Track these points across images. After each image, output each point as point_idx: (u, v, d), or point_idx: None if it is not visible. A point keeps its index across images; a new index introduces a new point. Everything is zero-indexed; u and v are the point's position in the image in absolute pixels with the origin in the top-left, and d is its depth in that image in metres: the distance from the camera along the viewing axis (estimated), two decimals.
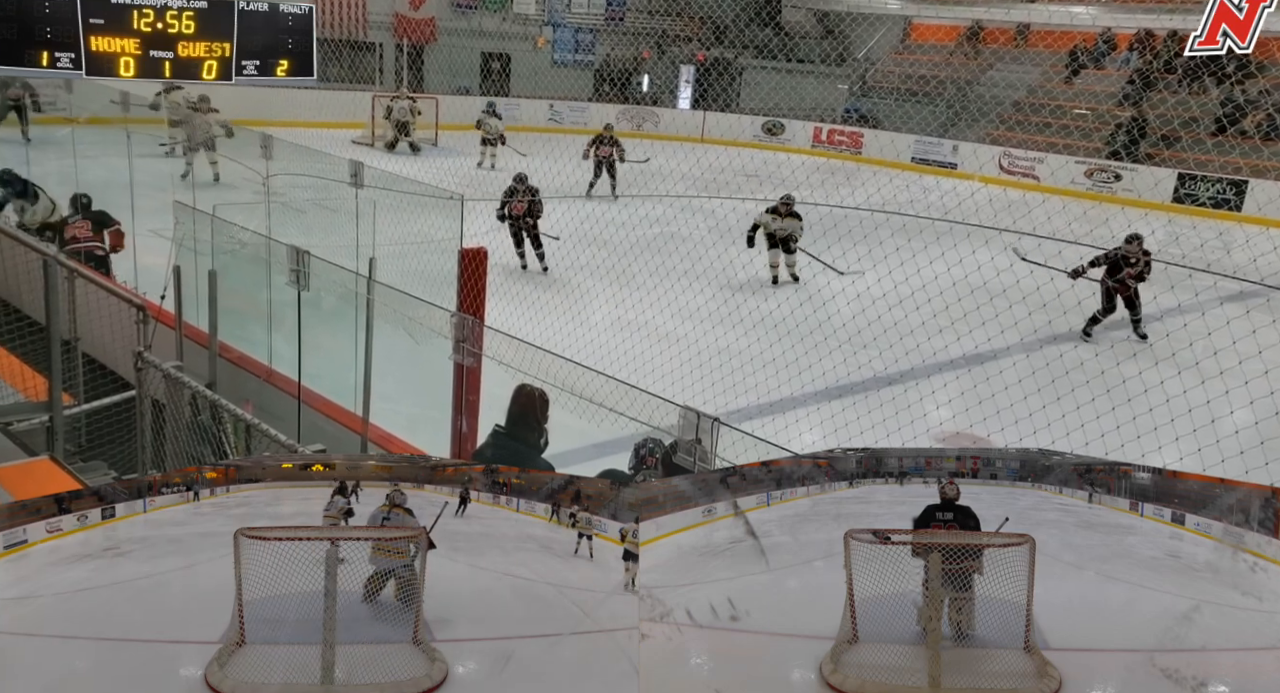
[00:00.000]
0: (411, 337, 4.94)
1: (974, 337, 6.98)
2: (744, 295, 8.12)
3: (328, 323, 6.28)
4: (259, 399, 5.73)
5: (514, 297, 7.72)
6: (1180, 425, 5.32)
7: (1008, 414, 5.63)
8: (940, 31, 25.00)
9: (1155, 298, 7.85)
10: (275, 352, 6.24)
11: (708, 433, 3.34)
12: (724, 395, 6.38)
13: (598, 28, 26.37)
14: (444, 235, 6.54)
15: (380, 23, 23.44)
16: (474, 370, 4.71)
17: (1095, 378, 6.12)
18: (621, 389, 3.79)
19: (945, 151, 21.02)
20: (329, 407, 5.63)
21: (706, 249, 9.93)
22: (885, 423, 5.84)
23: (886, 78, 24.33)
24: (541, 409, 3.50)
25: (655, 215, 12.73)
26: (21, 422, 5.21)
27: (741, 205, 14.68)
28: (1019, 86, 21.86)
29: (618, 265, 9.42)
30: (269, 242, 6.12)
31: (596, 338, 7.21)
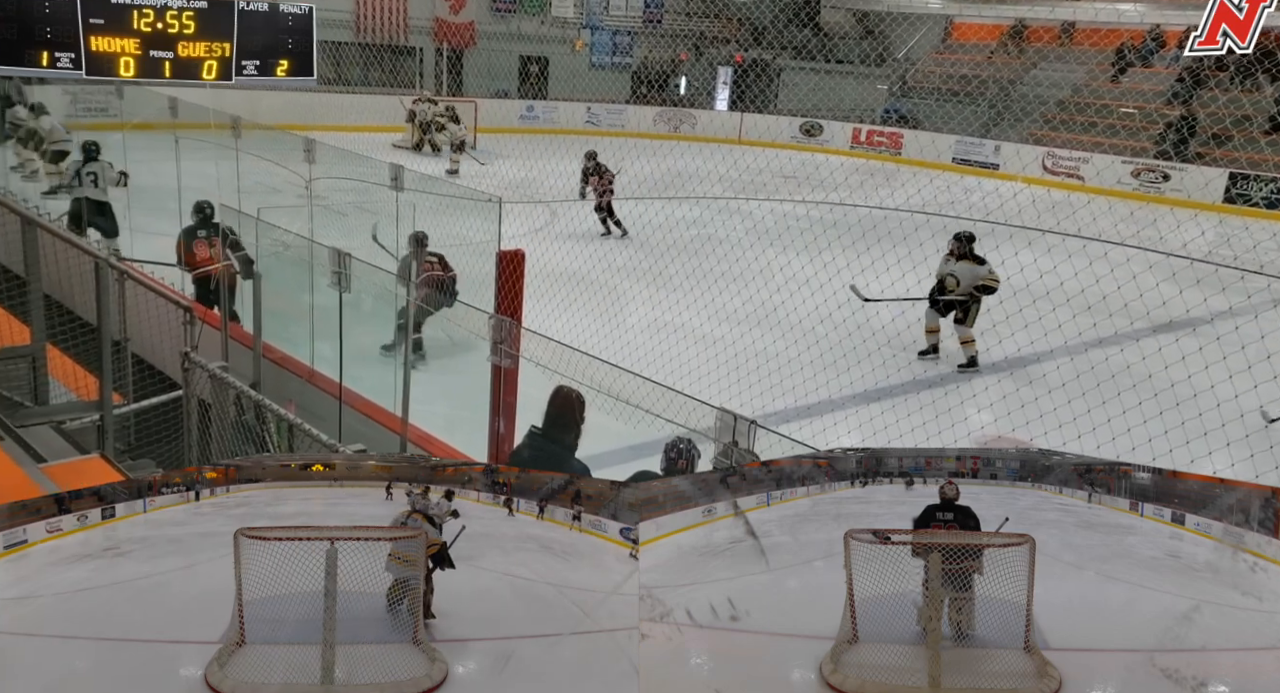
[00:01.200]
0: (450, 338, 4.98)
1: (1016, 340, 6.86)
2: (781, 297, 8.06)
3: (368, 324, 6.36)
4: (301, 399, 5.82)
5: (551, 298, 7.75)
6: (1232, 431, 5.18)
7: (1051, 418, 5.53)
8: (982, 30, 24.64)
9: (1206, 300, 7.66)
10: (317, 352, 6.34)
11: (744, 436, 3.32)
12: (761, 398, 6.34)
13: (636, 30, 26.41)
14: (482, 237, 6.59)
15: (420, 27, 23.72)
16: (511, 372, 4.74)
17: (1143, 381, 5.98)
18: (658, 391, 3.79)
19: (987, 152, 20.71)
20: (369, 407, 5.69)
21: (744, 251, 9.89)
22: (925, 426, 5.76)
23: (927, 78, 24.04)
24: (579, 411, 3.51)
25: (692, 217, 12.71)
26: (74, 420, 5.35)
27: (779, 207, 14.60)
28: (1063, 86, 21.47)
29: (654, 267, 9.42)
30: (311, 244, 6.22)
31: (633, 340, 7.22)
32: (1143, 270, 7.63)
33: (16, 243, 5.25)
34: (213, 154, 9.54)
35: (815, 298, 7.81)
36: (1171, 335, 7.31)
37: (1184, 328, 7.83)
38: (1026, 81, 21.97)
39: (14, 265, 5.57)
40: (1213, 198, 16.78)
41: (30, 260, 5.14)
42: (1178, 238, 10.62)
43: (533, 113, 23.49)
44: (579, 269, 9.43)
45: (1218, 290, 8.56)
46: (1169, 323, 8.10)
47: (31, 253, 5.14)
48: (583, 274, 9.46)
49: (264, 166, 10.91)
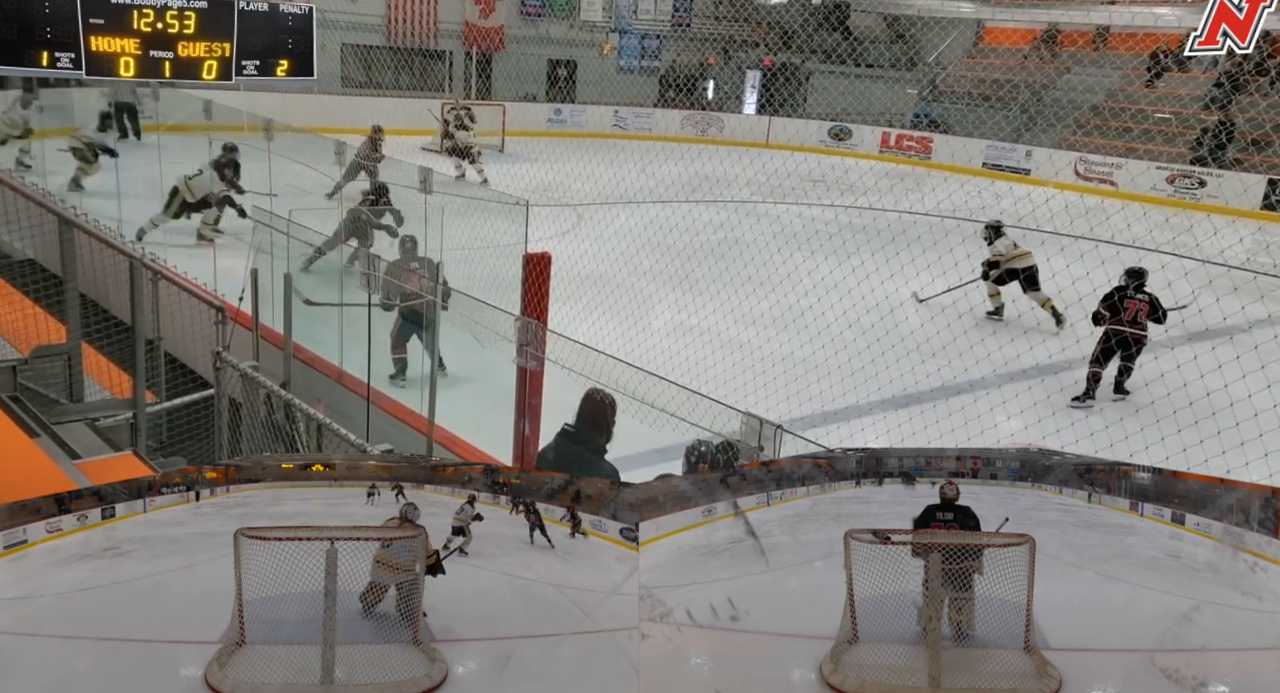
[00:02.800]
0: (476, 340, 5.01)
1: (1047, 346, 6.77)
2: (808, 302, 8.02)
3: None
4: (330, 399, 5.87)
5: (577, 301, 7.76)
6: (1270, 441, 5.07)
7: (1083, 426, 5.45)
8: (1015, 34, 24.38)
9: (1243, 308, 7.52)
10: (345, 353, 6.39)
11: (770, 440, 3.30)
12: (787, 403, 6.31)
13: (664, 34, 26.43)
14: (509, 240, 6.63)
15: (450, 31, 23.90)
16: (537, 374, 4.75)
17: (1177, 390, 5.87)
18: (683, 395, 3.78)
19: (1018, 157, 20.48)
20: (396, 408, 5.74)
21: (771, 254, 9.85)
22: (954, 432, 5.71)
23: (958, 82, 23.84)
24: (611, 414, 3.52)
25: (719, 221, 12.69)
26: (108, 417, 5.43)
27: (807, 211, 14.53)
28: (1097, 90, 21.18)
29: (680, 271, 9.41)
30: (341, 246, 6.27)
31: (658, 343, 7.21)
32: (1178, 278, 7.49)
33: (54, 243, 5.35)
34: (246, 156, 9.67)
35: (843, 303, 7.76)
36: (1208, 343, 7.17)
37: (1220, 336, 7.68)
38: (1059, 86, 21.70)
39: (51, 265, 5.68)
40: (1251, 204, 16.47)
41: (67, 260, 5.23)
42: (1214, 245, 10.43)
43: (560, 116, 23.57)
44: (605, 272, 9.44)
45: (1255, 299, 8.41)
46: (1205, 331, 7.96)
47: (68, 253, 5.24)
48: (608, 277, 9.47)
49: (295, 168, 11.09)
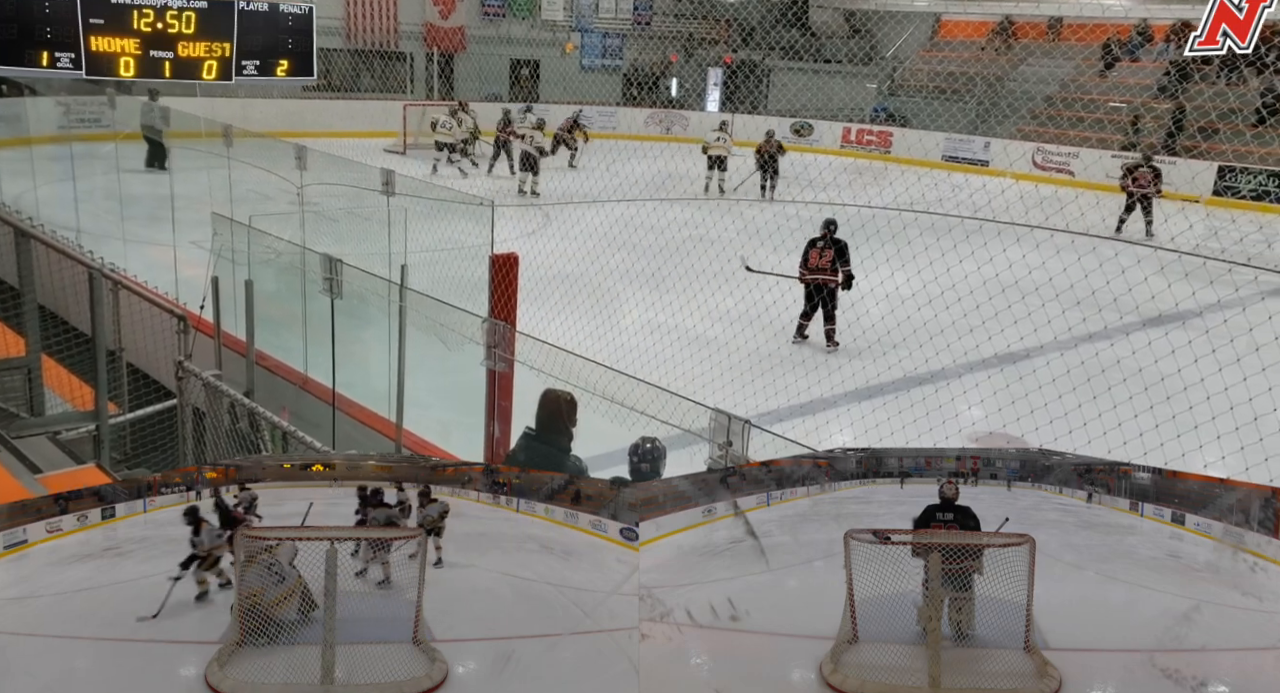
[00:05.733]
0: (444, 343, 5.01)
1: (1006, 336, 6.90)
2: (773, 296, 8.10)
3: (362, 330, 6.38)
4: (295, 407, 5.84)
5: (546, 301, 7.77)
6: (1222, 423, 5.22)
7: (1043, 414, 5.57)
8: (970, 27, 24.73)
9: (1194, 293, 7.72)
10: (310, 359, 6.35)
11: (739, 436, 3.33)
12: (755, 398, 6.37)
13: (625, 32, 26.44)
14: (475, 241, 6.62)
15: (410, 32, 23.73)
16: (506, 376, 4.76)
17: (1133, 376, 6.02)
18: (653, 393, 3.81)
19: (976, 149, 20.78)
20: (364, 413, 5.72)
21: (736, 251, 9.92)
22: (917, 423, 5.80)
23: (915, 76, 24.12)
24: (569, 413, 3.53)
25: (684, 218, 12.74)
26: (69, 430, 5.36)
27: (771, 207, 14.64)
28: (1051, 81, 21.55)
29: (648, 268, 9.44)
30: (303, 251, 6.23)
31: (628, 341, 7.24)
32: (1132, 265, 7.67)
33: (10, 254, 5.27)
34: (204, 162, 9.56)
35: None
36: (1161, 329, 7.36)
37: (1174, 322, 7.89)
38: (1014, 78, 22.04)
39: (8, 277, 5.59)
40: (1201, 191, 16.86)
41: (24, 271, 5.15)
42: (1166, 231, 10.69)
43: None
44: (573, 271, 9.45)
45: (1206, 284, 8.63)
46: (1159, 317, 8.16)
47: (25, 264, 5.16)
48: (576, 276, 9.49)
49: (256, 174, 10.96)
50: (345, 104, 20.49)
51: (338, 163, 9.58)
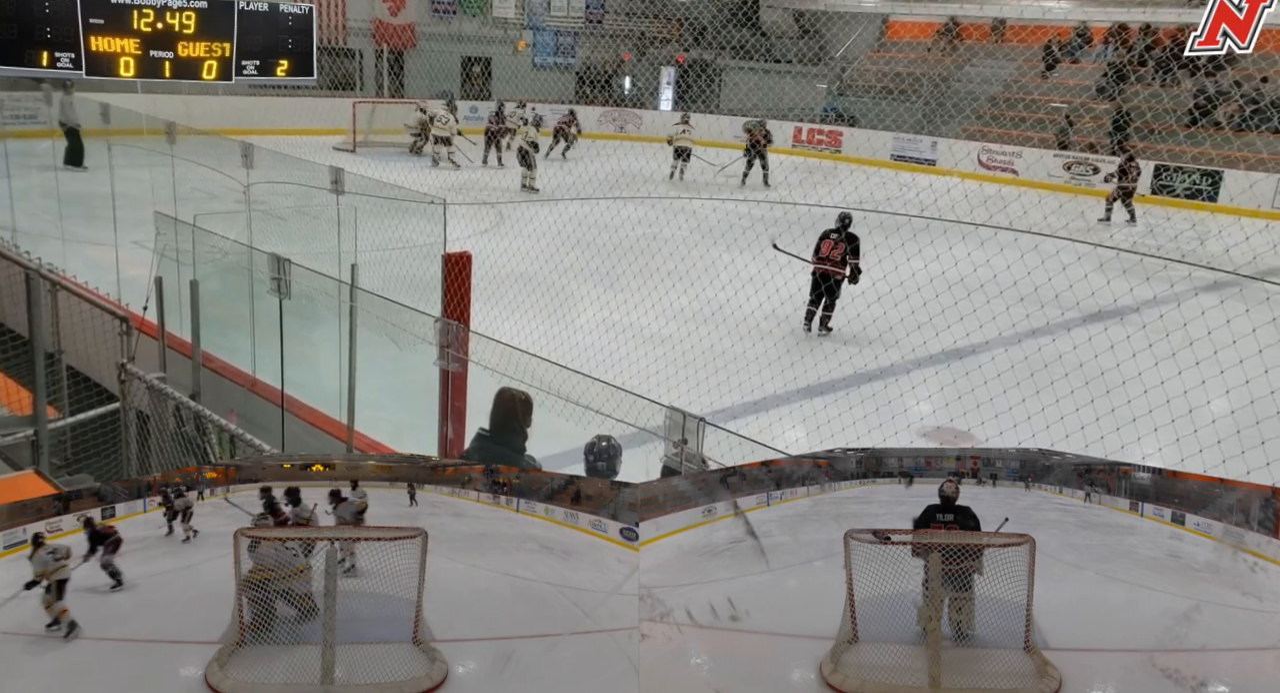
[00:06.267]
0: (395, 343, 4.96)
1: (952, 332, 7.06)
2: (727, 294, 8.18)
3: (311, 331, 6.29)
4: (243, 409, 5.74)
5: (499, 300, 7.74)
6: (1159, 416, 5.40)
7: (988, 408, 5.70)
8: (917, 28, 25.17)
9: (1131, 290, 7.97)
10: (259, 361, 6.25)
11: (694, 433, 3.36)
12: (709, 395, 6.42)
13: (578, 30, 26.39)
14: (427, 240, 6.56)
15: (360, 29, 23.40)
16: (460, 376, 4.73)
17: (1074, 370, 6.19)
18: (607, 391, 3.82)
19: (924, 148, 21.16)
20: (314, 415, 5.64)
21: (690, 249, 9.99)
22: (867, 419, 5.90)
23: (864, 76, 24.48)
24: (523, 412, 3.53)
25: (638, 217, 12.77)
26: (6, 436, 5.21)
27: (723, 206, 14.75)
28: (995, 82, 22.04)
29: (602, 267, 9.46)
30: (250, 250, 6.13)
31: (582, 340, 7.25)
32: (1073, 261, 7.89)
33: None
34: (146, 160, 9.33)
35: (760, 294, 7.94)
36: (1101, 324, 7.58)
37: (1113, 317, 8.13)
38: (960, 78, 22.50)
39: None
40: (1139, 190, 17.38)
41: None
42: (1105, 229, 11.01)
43: (476, 114, 23.33)
44: (527, 270, 9.43)
45: (1143, 280, 8.92)
46: (1098, 312, 8.40)
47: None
48: (530, 275, 9.47)
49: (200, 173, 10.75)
50: (293, 101, 20.14)
51: (285, 161, 9.42)
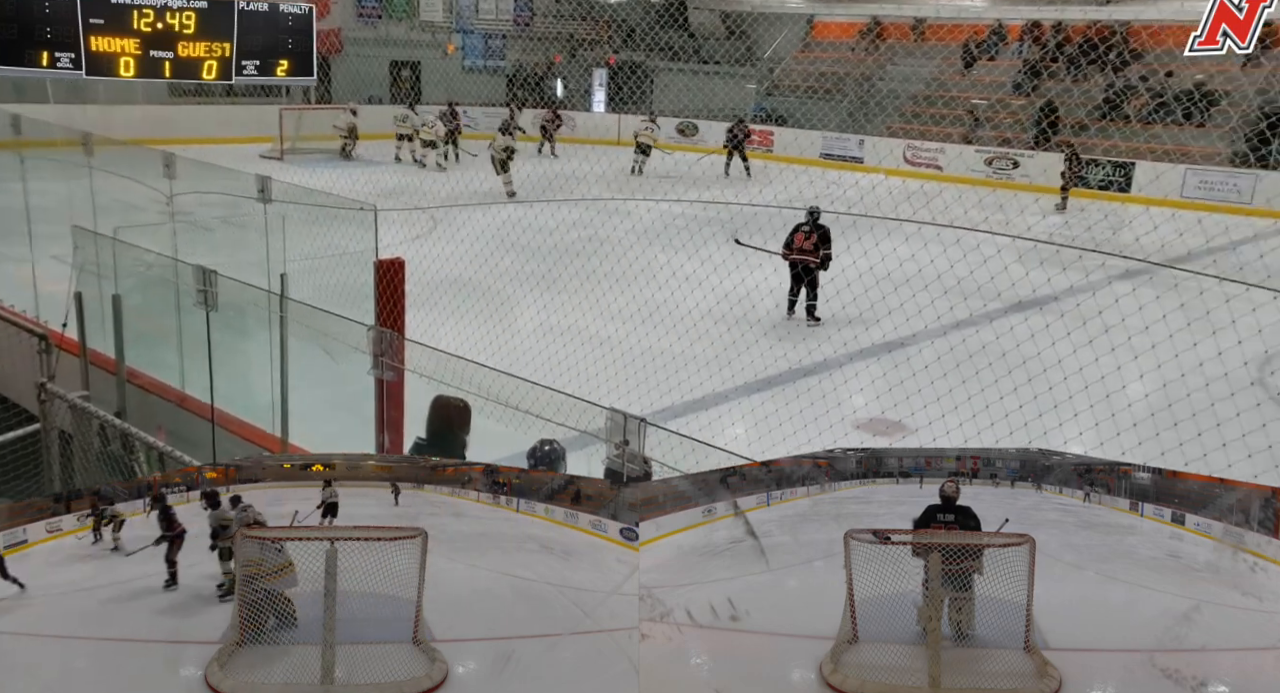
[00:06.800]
0: (329, 353, 4.90)
1: (882, 326, 7.26)
2: (665, 294, 8.25)
3: (241, 343, 6.17)
4: (173, 425, 5.60)
5: (436, 307, 7.68)
6: (1079, 401, 5.64)
7: (918, 399, 5.88)
8: (840, 29, 25.67)
9: (1049, 280, 8.29)
10: (187, 375, 6.10)
11: (635, 434, 3.39)
12: (650, 395, 6.48)
13: (507, 33, 26.26)
14: (358, 247, 6.48)
15: None
16: (395, 384, 4.69)
17: (998, 359, 6.42)
18: (548, 395, 3.83)
19: (852, 146, 21.60)
20: (246, 429, 5.53)
21: (627, 249, 10.04)
22: (804, 413, 6.03)
23: (791, 76, 24.88)
24: (461, 419, 3.53)
25: (574, 219, 12.80)
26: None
27: (659, 206, 14.85)
28: (916, 80, 22.62)
29: (540, 269, 9.45)
30: (175, 262, 5.98)
31: (521, 344, 7.24)
32: (993, 254, 8.16)
33: None
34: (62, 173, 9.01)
35: (697, 293, 8.03)
36: (1022, 314, 7.86)
37: (1033, 306, 8.43)
38: (884, 77, 23.03)
39: None
40: (1056, 182, 18.02)
41: None
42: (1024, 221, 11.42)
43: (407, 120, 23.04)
44: (464, 275, 9.36)
45: (1060, 270, 9.27)
46: (1019, 303, 8.71)
47: None
48: (467, 280, 9.41)
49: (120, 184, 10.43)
50: (217, 109, 19.62)
51: (210, 170, 9.19)
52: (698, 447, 3.25)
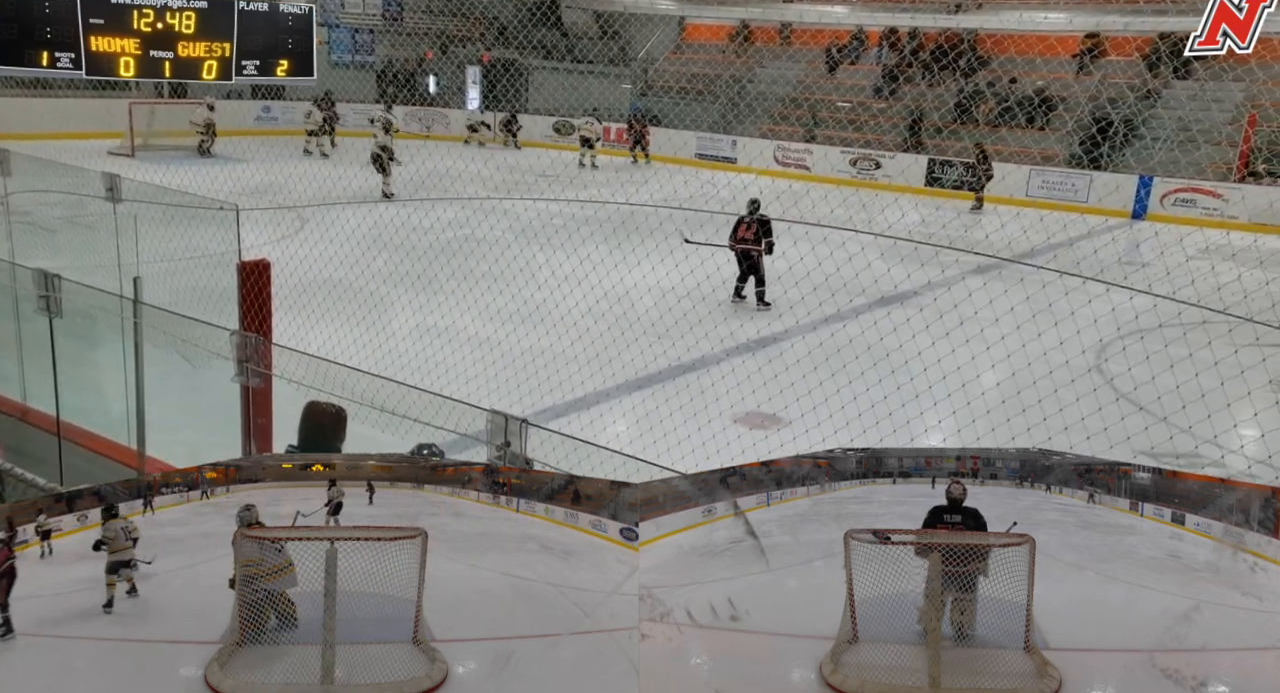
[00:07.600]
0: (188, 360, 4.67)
1: (756, 322, 7.49)
2: (545, 293, 8.24)
3: (91, 352, 5.79)
4: (14, 441, 5.21)
5: (306, 310, 7.41)
6: (939, 390, 5.98)
7: (790, 392, 6.10)
8: (712, 31, 26.22)
9: (909, 275, 8.74)
10: (29, 387, 5.68)
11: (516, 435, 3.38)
12: (531, 395, 6.47)
13: (376, 28, 25.52)
14: (220, 248, 6.18)
15: None
16: (262, 391, 4.52)
17: (864, 352, 6.73)
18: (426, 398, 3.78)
19: (725, 147, 22.12)
20: (98, 442, 5.20)
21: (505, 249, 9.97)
22: (684, 408, 6.16)
23: (664, 77, 25.24)
24: (335, 426, 3.44)
25: (450, 218, 12.59)
26: None
27: (536, 205, 14.79)
28: (784, 83, 23.37)
29: (415, 269, 9.25)
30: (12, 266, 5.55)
31: (397, 347, 7.08)
32: (858, 251, 8.55)
33: None
34: None
35: (577, 292, 8.05)
36: (885, 309, 8.27)
37: (895, 302, 8.88)
38: (754, 79, 23.68)
39: None
40: (915, 182, 18.99)
41: None
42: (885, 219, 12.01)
43: (270, 114, 22.03)
44: (335, 277, 9.06)
45: (919, 266, 9.79)
46: (882, 298, 9.15)
47: None
48: (338, 281, 9.11)
49: None
50: (58, 102, 18.17)
51: (51, 167, 8.56)
52: (580, 446, 3.28)
